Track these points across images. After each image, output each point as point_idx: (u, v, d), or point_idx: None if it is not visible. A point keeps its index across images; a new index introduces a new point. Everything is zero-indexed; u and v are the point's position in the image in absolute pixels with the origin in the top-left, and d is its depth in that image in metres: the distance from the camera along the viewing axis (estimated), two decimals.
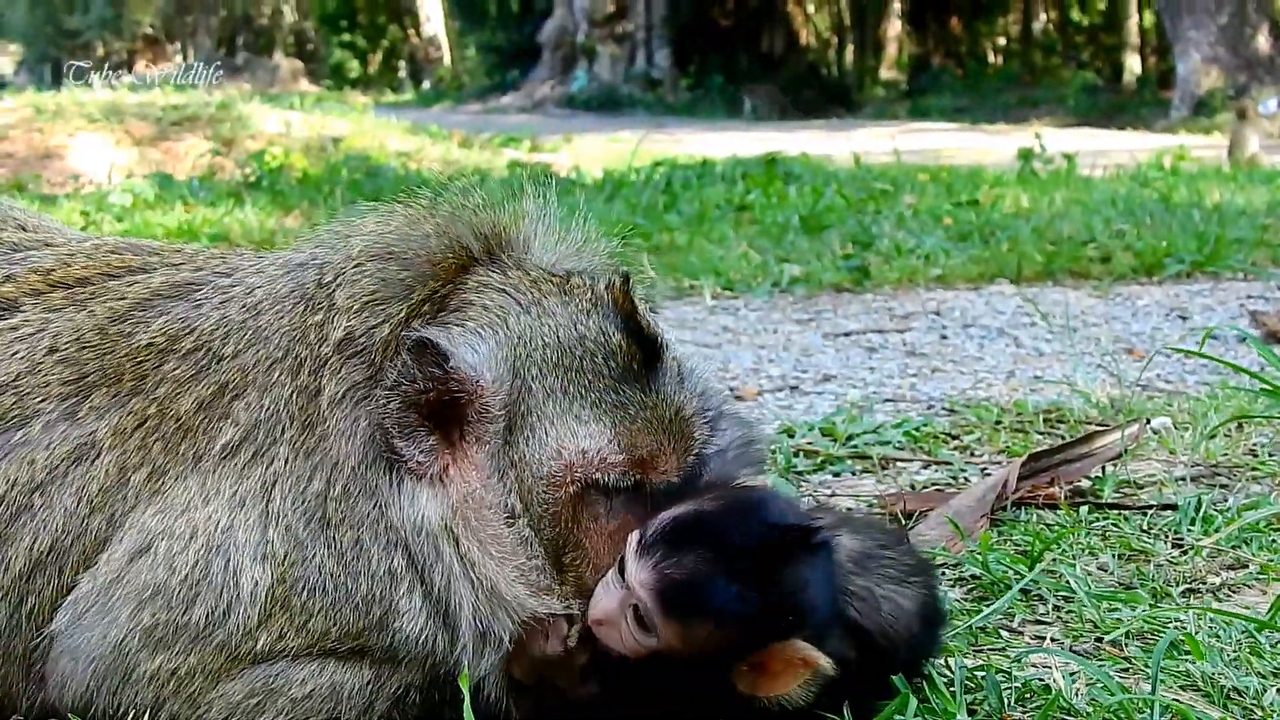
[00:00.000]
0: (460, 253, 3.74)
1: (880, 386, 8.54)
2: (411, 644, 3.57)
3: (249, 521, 3.53)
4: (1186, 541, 5.14)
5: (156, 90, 31.13)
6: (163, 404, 3.66)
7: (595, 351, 3.64)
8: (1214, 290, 12.47)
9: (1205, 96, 48.52)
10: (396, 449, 3.50)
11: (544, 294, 3.70)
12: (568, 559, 3.65)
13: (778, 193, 18.84)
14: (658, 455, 3.65)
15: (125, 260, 4.08)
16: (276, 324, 3.70)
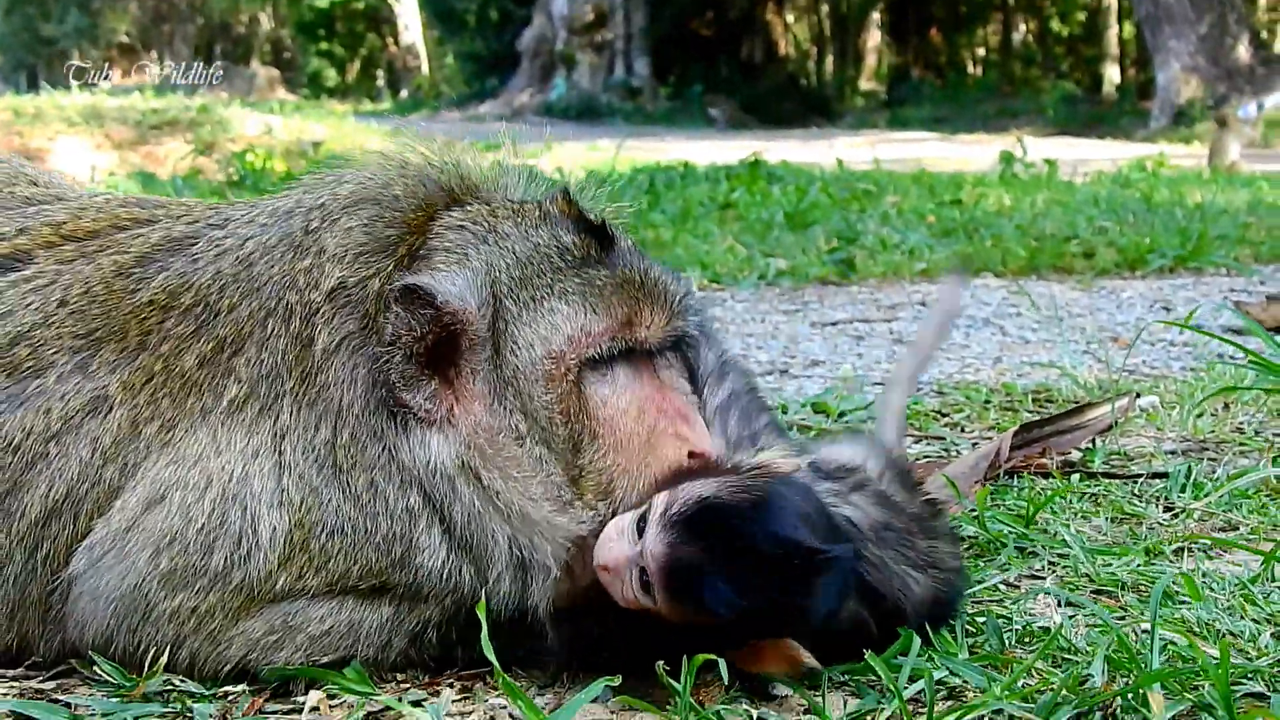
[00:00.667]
0: (433, 200, 3.84)
1: (868, 371, 8.58)
2: (435, 579, 3.64)
3: (263, 471, 3.60)
4: (1177, 506, 5.19)
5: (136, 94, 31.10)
6: (168, 360, 3.72)
7: (550, 254, 3.76)
8: (1197, 284, 12.56)
9: (1185, 106, 48.67)
10: (403, 401, 3.58)
11: (499, 220, 3.82)
12: (587, 457, 3.71)
13: (761, 191, 18.93)
14: (638, 312, 3.76)
15: (133, 213, 4.13)
16: (268, 274, 3.76)
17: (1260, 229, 15.56)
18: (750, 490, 3.47)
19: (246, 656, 3.65)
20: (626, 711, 3.45)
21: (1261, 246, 14.51)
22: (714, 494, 3.45)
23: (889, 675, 3.23)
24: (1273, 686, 3.46)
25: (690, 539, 3.34)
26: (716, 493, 3.45)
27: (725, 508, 3.41)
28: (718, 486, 3.49)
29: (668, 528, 3.40)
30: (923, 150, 33.63)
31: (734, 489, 3.47)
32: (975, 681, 3.47)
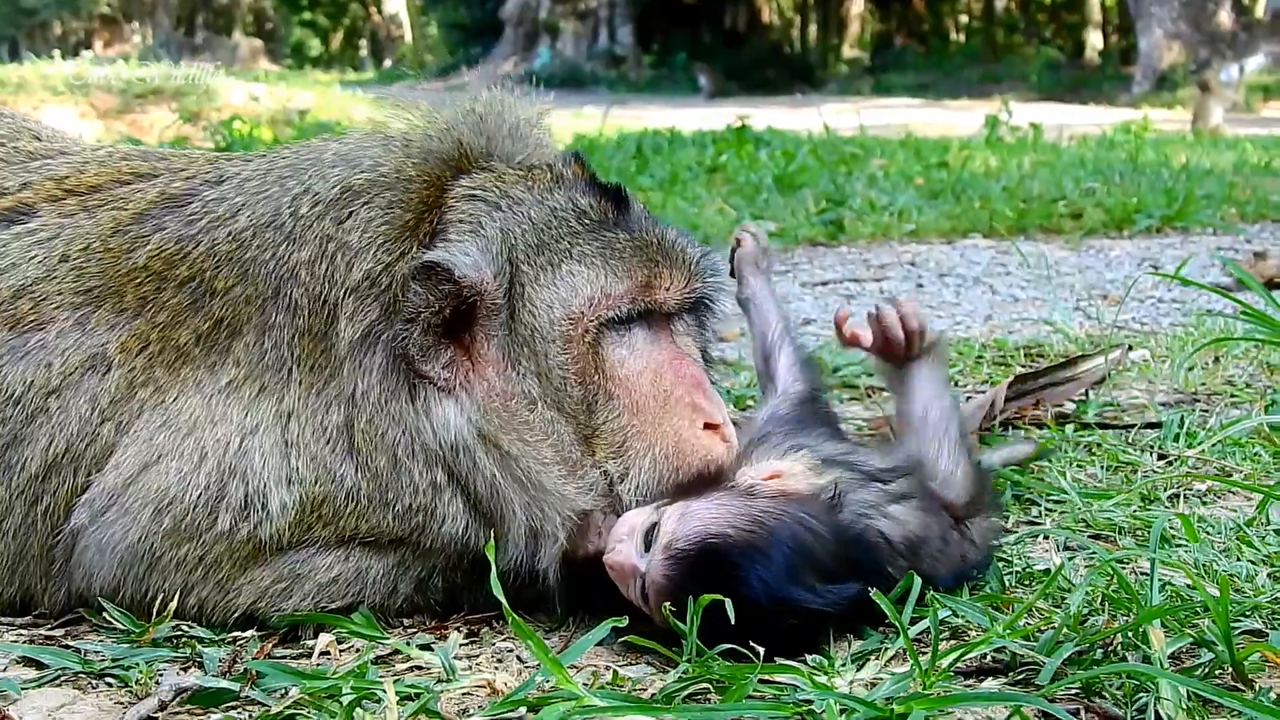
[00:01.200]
0: (443, 174, 3.85)
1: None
2: (454, 542, 3.70)
3: (264, 447, 3.63)
4: (1171, 454, 5.22)
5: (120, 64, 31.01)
6: (164, 331, 3.74)
7: (567, 218, 3.80)
8: (1184, 243, 12.58)
9: (1167, 71, 48.76)
10: (422, 371, 3.61)
11: (509, 185, 3.84)
12: (602, 417, 3.76)
13: (749, 156, 18.91)
14: (657, 275, 3.82)
15: (134, 167, 4.14)
16: (260, 258, 3.76)
17: (1245, 189, 15.60)
18: (753, 527, 3.46)
19: (255, 604, 3.69)
20: (633, 653, 3.48)
21: (1247, 206, 14.54)
22: (719, 532, 3.45)
23: (894, 612, 3.26)
24: (1270, 624, 3.50)
25: (689, 578, 3.36)
26: (723, 530, 3.45)
27: (722, 552, 3.42)
28: (726, 519, 3.49)
29: (670, 560, 3.43)
30: (908, 116, 33.58)
31: (737, 524, 3.47)
32: (977, 621, 3.50)
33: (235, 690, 3.18)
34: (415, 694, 3.06)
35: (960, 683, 3.20)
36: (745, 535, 3.44)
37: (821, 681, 3.11)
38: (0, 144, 4.35)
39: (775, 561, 3.39)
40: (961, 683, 3.20)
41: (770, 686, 3.13)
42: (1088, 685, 3.13)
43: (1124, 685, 3.10)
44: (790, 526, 3.48)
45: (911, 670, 3.11)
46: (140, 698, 3.23)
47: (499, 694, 3.13)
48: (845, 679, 3.19)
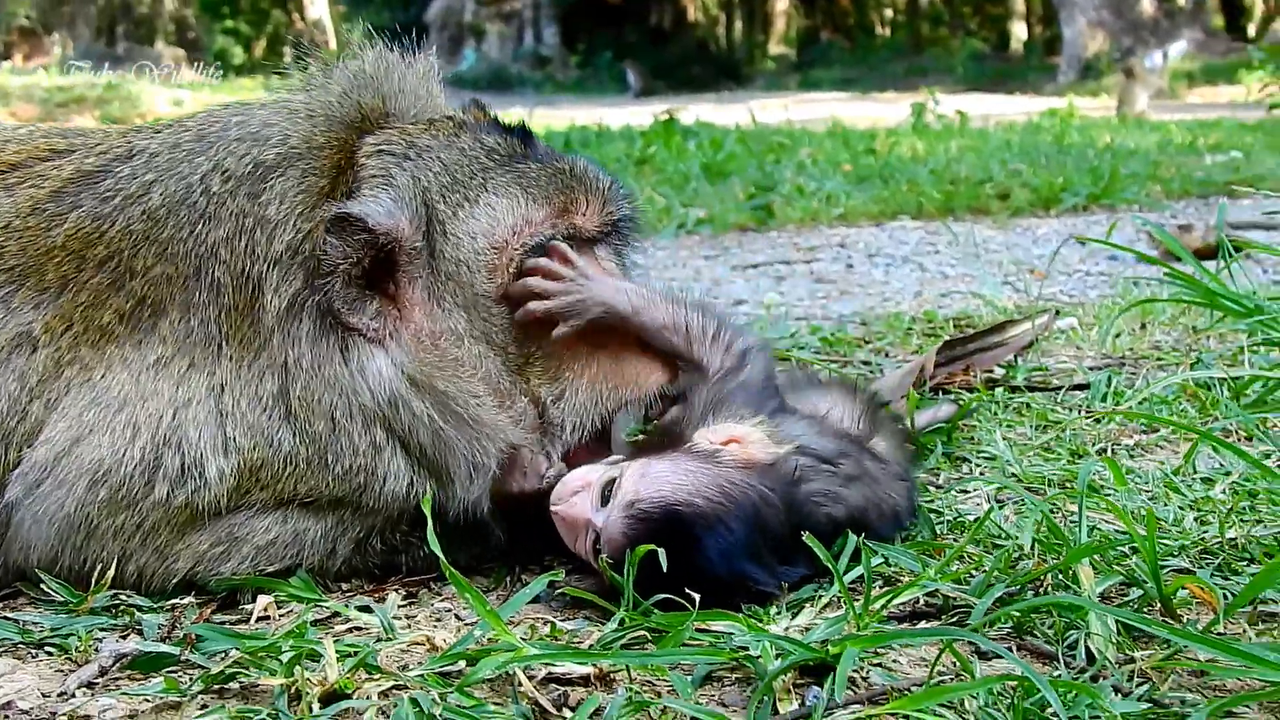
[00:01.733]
0: (345, 141, 3.86)
1: (791, 307, 8.64)
2: (396, 500, 3.73)
3: (198, 419, 3.63)
4: (1099, 413, 5.27)
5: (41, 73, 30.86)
6: (86, 312, 3.73)
7: (477, 155, 3.87)
8: (1110, 219, 12.59)
9: (1091, 60, 49.12)
10: (350, 324, 3.64)
11: (414, 136, 3.89)
12: (534, 344, 3.84)
13: (677, 147, 18.93)
14: (573, 200, 3.90)
15: (53, 144, 4.12)
16: (178, 236, 3.75)
17: (1170, 167, 15.78)
18: (719, 498, 3.49)
19: (193, 569, 3.69)
20: (571, 607, 3.51)
21: (1171, 183, 14.71)
22: (682, 500, 3.47)
23: (827, 556, 3.29)
24: (1198, 563, 3.55)
25: (647, 539, 3.34)
26: (685, 497, 3.48)
27: (687, 519, 3.43)
28: (688, 484, 3.51)
29: (630, 518, 3.46)
30: (835, 110, 33.64)
31: (703, 492, 3.49)
32: (910, 567, 3.53)
33: (175, 654, 3.18)
34: (355, 651, 3.07)
35: (894, 626, 3.23)
36: (709, 504, 3.47)
37: (758, 627, 3.14)
38: None
39: (736, 535, 3.43)
40: (895, 626, 3.24)
41: (707, 634, 3.15)
42: (1019, 624, 3.17)
43: (1055, 623, 3.14)
44: (752, 499, 3.51)
45: (845, 614, 3.14)
46: (80, 665, 3.22)
47: (438, 649, 3.14)
48: (780, 625, 3.23)
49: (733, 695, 2.92)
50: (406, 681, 2.95)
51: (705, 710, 2.74)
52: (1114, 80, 38.77)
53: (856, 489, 3.82)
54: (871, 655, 3.05)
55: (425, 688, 2.89)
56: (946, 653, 2.92)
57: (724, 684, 2.98)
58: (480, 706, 2.81)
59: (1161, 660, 2.92)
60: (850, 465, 3.86)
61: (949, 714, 2.69)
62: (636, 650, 3.12)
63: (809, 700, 2.81)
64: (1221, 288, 4.66)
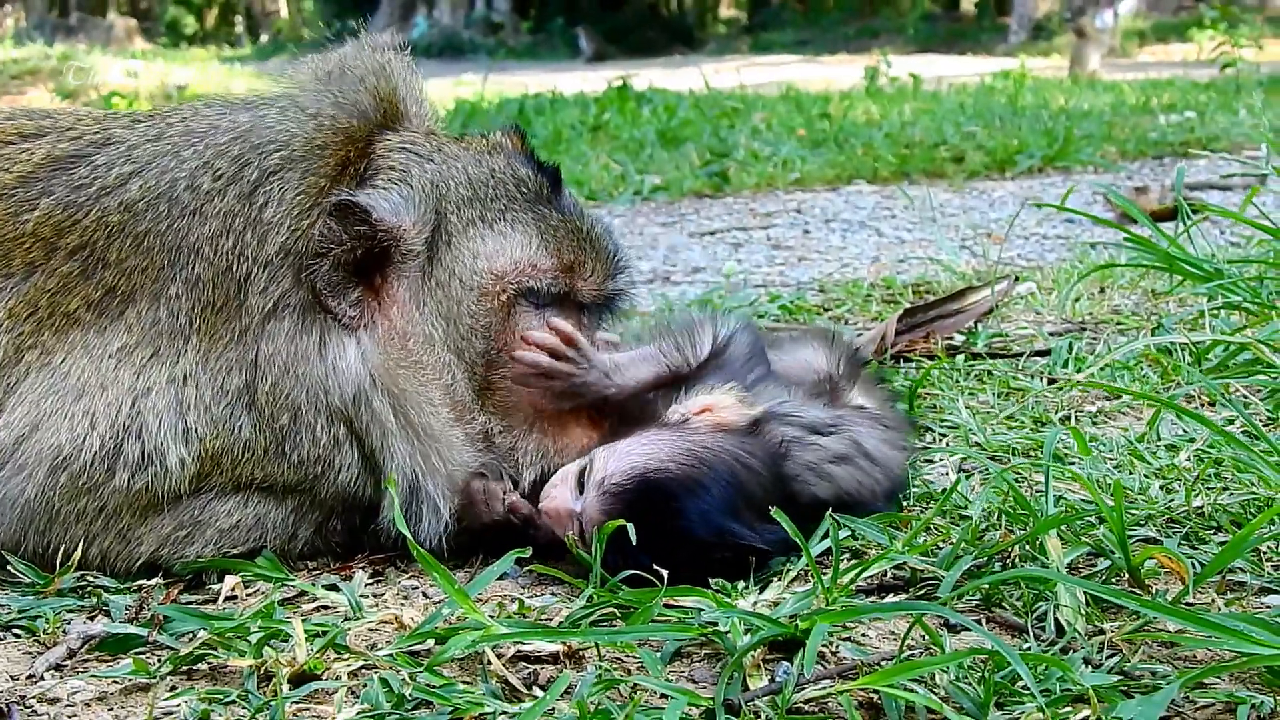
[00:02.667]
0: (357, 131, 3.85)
1: (749, 274, 8.64)
2: (347, 491, 3.74)
3: (157, 407, 3.61)
4: (1061, 379, 5.28)
5: None
6: (53, 297, 3.71)
7: (505, 181, 3.89)
8: (1066, 182, 12.70)
9: (1043, 20, 49.22)
10: (329, 307, 3.64)
11: (444, 142, 3.93)
12: (499, 374, 3.85)
13: (631, 113, 18.95)
14: (581, 263, 3.91)
15: (20, 126, 4.07)
16: (156, 229, 3.72)
17: (1124, 128, 15.83)
18: (691, 461, 3.49)
19: (157, 552, 3.69)
20: (539, 585, 3.50)
21: (1126, 144, 14.77)
22: (654, 467, 3.48)
23: (794, 529, 3.28)
24: (1165, 532, 3.56)
25: (625, 513, 3.35)
26: (657, 465, 3.48)
27: (661, 486, 3.44)
28: (659, 453, 3.52)
29: (604, 495, 3.47)
30: (788, 73, 33.68)
31: (675, 458, 3.50)
32: (876, 540, 3.53)
33: (143, 636, 3.18)
34: (323, 631, 3.07)
35: (862, 600, 3.23)
36: (682, 468, 3.47)
37: (726, 602, 3.13)
38: None
39: (714, 495, 3.43)
40: (863, 600, 3.24)
41: (675, 610, 3.15)
42: (988, 596, 3.18)
43: (1024, 595, 3.15)
44: (726, 460, 3.52)
45: (814, 588, 3.14)
46: (49, 646, 3.22)
47: (406, 628, 3.14)
48: (749, 600, 3.22)
49: (702, 671, 2.92)
50: (376, 661, 2.95)
51: (675, 687, 2.74)
52: (1065, 40, 38.84)
53: (838, 441, 3.83)
54: (840, 630, 3.05)
55: (395, 667, 2.89)
56: (916, 626, 2.91)
57: (693, 660, 2.99)
58: (450, 686, 2.80)
59: (1131, 632, 2.92)
60: (839, 442, 3.86)
61: (919, 688, 2.68)
62: (605, 627, 3.11)
63: (779, 676, 2.81)
64: (1181, 252, 4.68)
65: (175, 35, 76.47)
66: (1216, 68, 23.73)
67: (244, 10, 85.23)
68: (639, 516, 3.32)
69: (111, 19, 73.37)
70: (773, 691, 2.74)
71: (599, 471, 3.51)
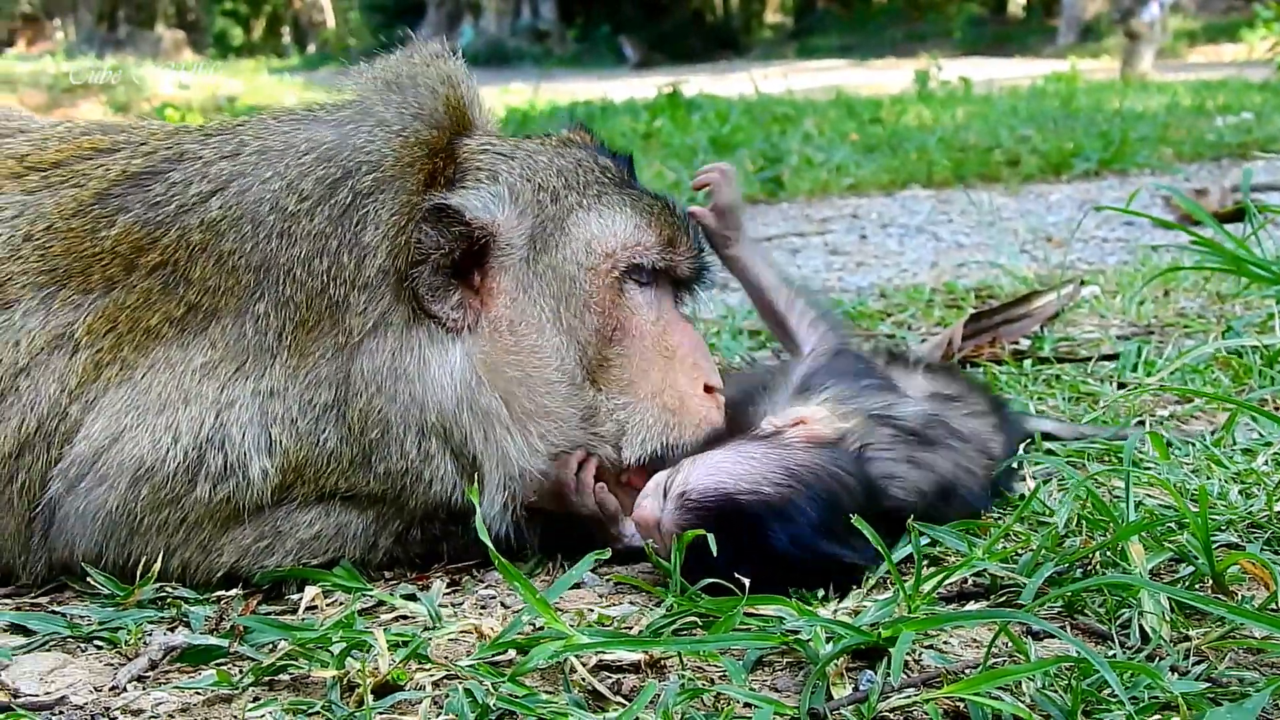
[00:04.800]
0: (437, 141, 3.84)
1: (807, 281, 8.60)
2: (438, 498, 3.74)
3: (241, 420, 3.61)
4: (1131, 383, 5.25)
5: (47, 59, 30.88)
6: (133, 314, 3.70)
7: (592, 168, 3.94)
8: (1123, 184, 12.68)
9: (1091, 21, 48.96)
10: (430, 311, 3.66)
11: (518, 142, 3.96)
12: (615, 350, 3.88)
13: (682, 120, 18.93)
14: (676, 238, 3.95)
15: (94, 141, 4.08)
16: (240, 249, 3.70)
17: (1180, 129, 15.75)
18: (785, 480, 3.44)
19: (237, 562, 3.69)
20: (616, 594, 3.50)
21: (1183, 146, 14.71)
22: (743, 489, 3.43)
23: (876, 537, 3.26)
24: (1246, 537, 3.53)
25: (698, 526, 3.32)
26: (748, 486, 3.44)
27: (748, 508, 3.40)
28: (750, 471, 3.48)
29: (682, 510, 3.44)
30: (835, 78, 33.66)
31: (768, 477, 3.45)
32: (956, 547, 3.51)
33: (224, 647, 3.17)
34: (404, 641, 3.06)
35: (943, 608, 3.21)
36: (775, 489, 3.43)
37: (807, 610, 3.11)
38: None
39: (809, 515, 3.38)
40: (945, 607, 3.21)
41: (756, 619, 3.13)
42: (1070, 603, 3.15)
43: (1106, 601, 3.12)
44: (821, 478, 3.47)
45: (895, 595, 3.12)
46: (130, 658, 3.22)
47: (487, 638, 3.13)
48: (829, 608, 3.21)
49: (785, 680, 2.90)
50: (458, 671, 2.94)
51: (760, 696, 2.72)
52: (1115, 41, 38.69)
53: (943, 455, 3.81)
54: (922, 637, 3.03)
55: (477, 677, 2.87)
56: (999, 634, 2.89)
57: (775, 669, 2.97)
58: (533, 696, 2.79)
59: (1217, 639, 2.90)
60: (938, 431, 3.86)
61: (1006, 696, 2.66)
62: (687, 636, 3.09)
63: (862, 684, 2.79)
64: (1248, 253, 4.63)
65: (223, 47, 76.83)
66: (1271, 68, 23.61)
67: (291, 21, 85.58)
68: (722, 533, 3.28)
69: (159, 31, 73.79)
70: (857, 700, 2.72)
71: (680, 484, 3.48)
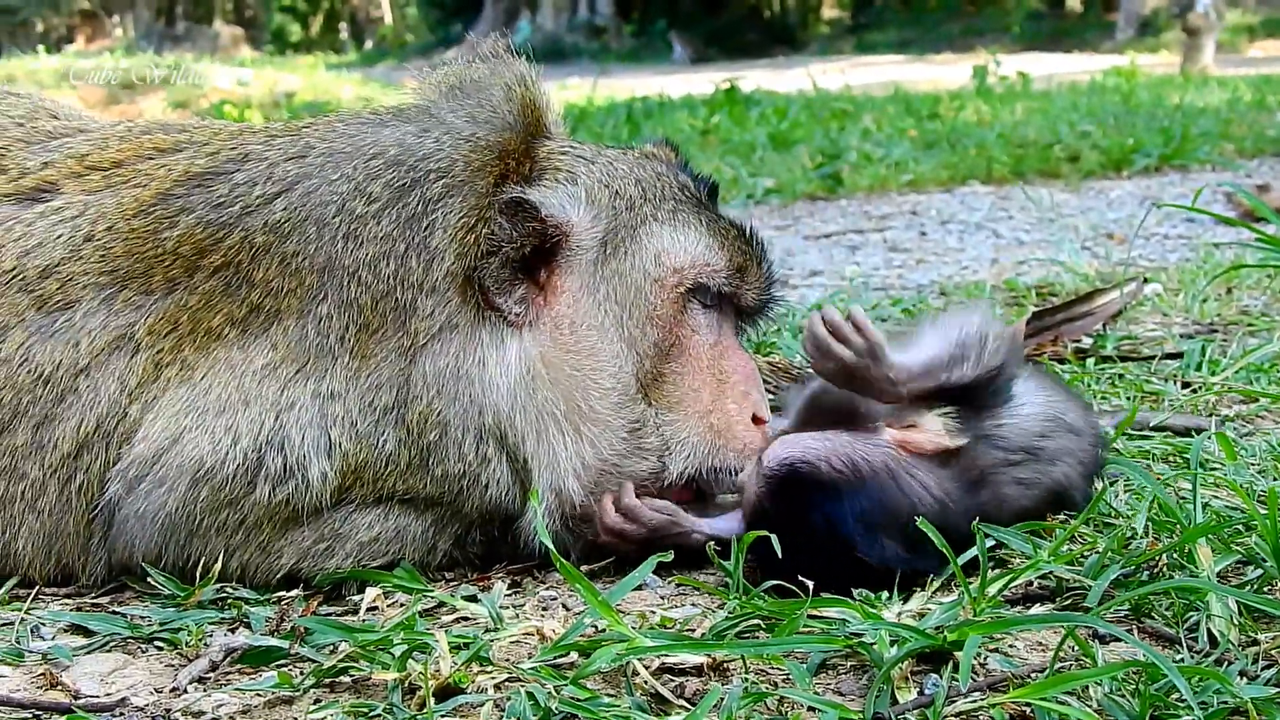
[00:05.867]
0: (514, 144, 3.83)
1: (867, 278, 8.59)
2: (489, 503, 3.73)
3: (301, 421, 3.61)
4: (1195, 383, 5.21)
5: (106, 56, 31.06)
6: (194, 315, 3.70)
7: (670, 184, 3.93)
8: (1184, 180, 12.61)
9: (1150, 16, 48.73)
10: (495, 304, 3.67)
11: (599, 148, 3.99)
12: (670, 366, 3.86)
13: (740, 116, 18.91)
14: (747, 267, 3.94)
15: (156, 141, 4.08)
16: (304, 250, 3.71)
17: (1241, 125, 15.65)
18: (846, 466, 3.43)
19: (297, 564, 3.69)
20: (678, 595, 3.48)
21: (1244, 142, 14.63)
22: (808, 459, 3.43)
23: (940, 540, 3.23)
24: None
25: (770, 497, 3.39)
26: (813, 458, 3.44)
27: (804, 478, 3.40)
28: (822, 450, 3.47)
29: (760, 476, 3.46)
30: (893, 73, 33.61)
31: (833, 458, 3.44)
32: (1021, 549, 3.48)
33: (285, 648, 3.16)
34: (465, 643, 3.05)
35: (1008, 610, 3.18)
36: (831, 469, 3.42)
37: (872, 613, 3.09)
38: (19, 124, 4.30)
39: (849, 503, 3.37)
40: (1009, 610, 3.19)
41: (819, 621, 3.11)
42: (1137, 606, 3.12)
43: (1173, 605, 3.10)
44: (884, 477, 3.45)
45: (960, 598, 3.10)
46: (191, 659, 3.22)
47: (548, 640, 3.12)
48: (893, 611, 3.18)
49: (849, 683, 2.89)
50: (520, 674, 2.92)
51: (824, 700, 2.71)
52: (1173, 36, 38.50)
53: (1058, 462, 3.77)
54: (988, 641, 3.00)
55: (539, 680, 2.86)
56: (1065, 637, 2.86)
57: (839, 672, 2.95)
58: (595, 699, 2.78)
59: None
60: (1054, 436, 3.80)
61: (1073, 701, 2.63)
62: (750, 639, 3.07)
63: (927, 688, 2.77)
64: None
65: (280, 43, 77.17)
66: None
67: (348, 17, 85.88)
68: (781, 503, 3.35)
69: (217, 27, 74.08)
70: (923, 705, 2.70)
71: (768, 456, 3.50)
